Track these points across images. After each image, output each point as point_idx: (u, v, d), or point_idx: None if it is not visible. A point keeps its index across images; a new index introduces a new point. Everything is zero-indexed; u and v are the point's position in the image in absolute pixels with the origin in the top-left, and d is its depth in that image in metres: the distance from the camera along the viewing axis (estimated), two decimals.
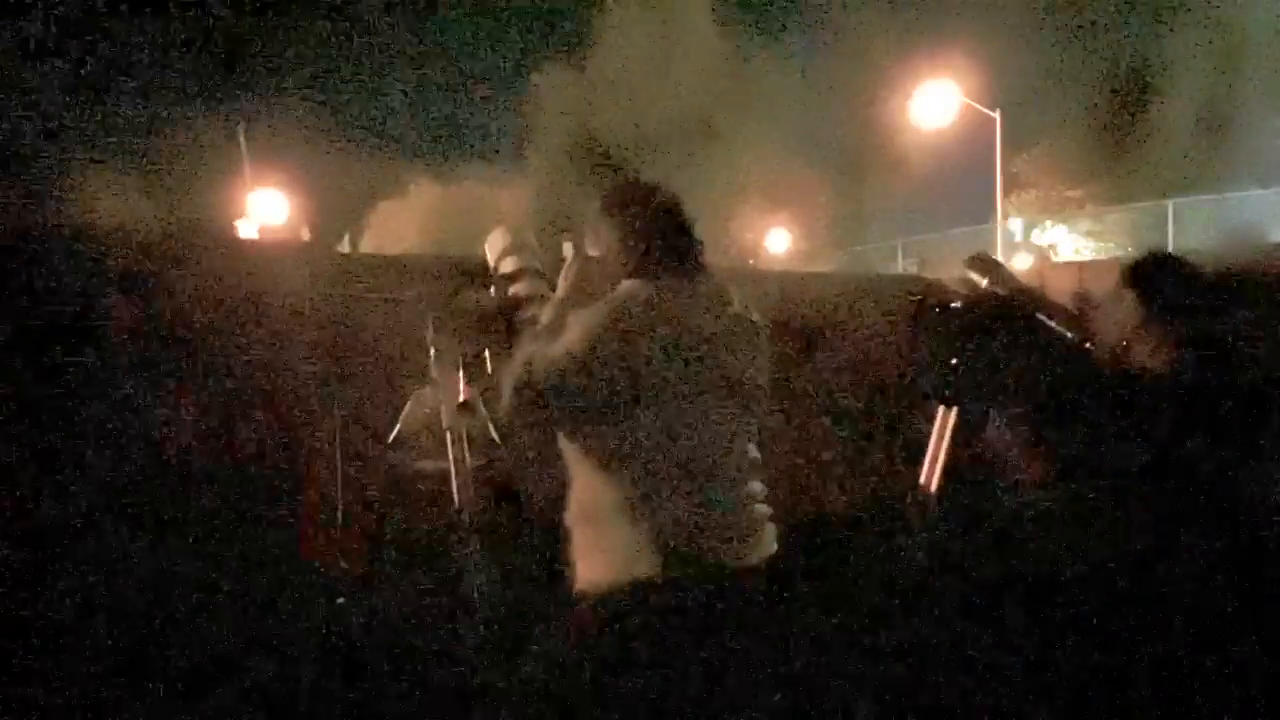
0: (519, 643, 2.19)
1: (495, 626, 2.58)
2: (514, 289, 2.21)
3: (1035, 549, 2.47)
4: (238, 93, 27.74)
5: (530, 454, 1.99)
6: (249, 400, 3.32)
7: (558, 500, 1.95)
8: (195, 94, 28.23)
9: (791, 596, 1.96)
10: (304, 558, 3.25)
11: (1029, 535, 2.49)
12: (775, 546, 1.94)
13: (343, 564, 3.23)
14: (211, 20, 27.27)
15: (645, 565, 1.80)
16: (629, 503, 1.82)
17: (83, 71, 23.75)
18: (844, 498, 3.77)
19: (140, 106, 25.40)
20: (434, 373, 2.59)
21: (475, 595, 2.67)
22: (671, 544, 1.81)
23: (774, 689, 1.86)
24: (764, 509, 1.95)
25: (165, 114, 24.11)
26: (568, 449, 1.91)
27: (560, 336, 1.83)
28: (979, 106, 20.69)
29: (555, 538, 1.96)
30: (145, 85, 26.67)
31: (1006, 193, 21.91)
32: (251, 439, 3.31)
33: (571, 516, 1.93)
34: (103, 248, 3.29)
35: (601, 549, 1.86)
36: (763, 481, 1.96)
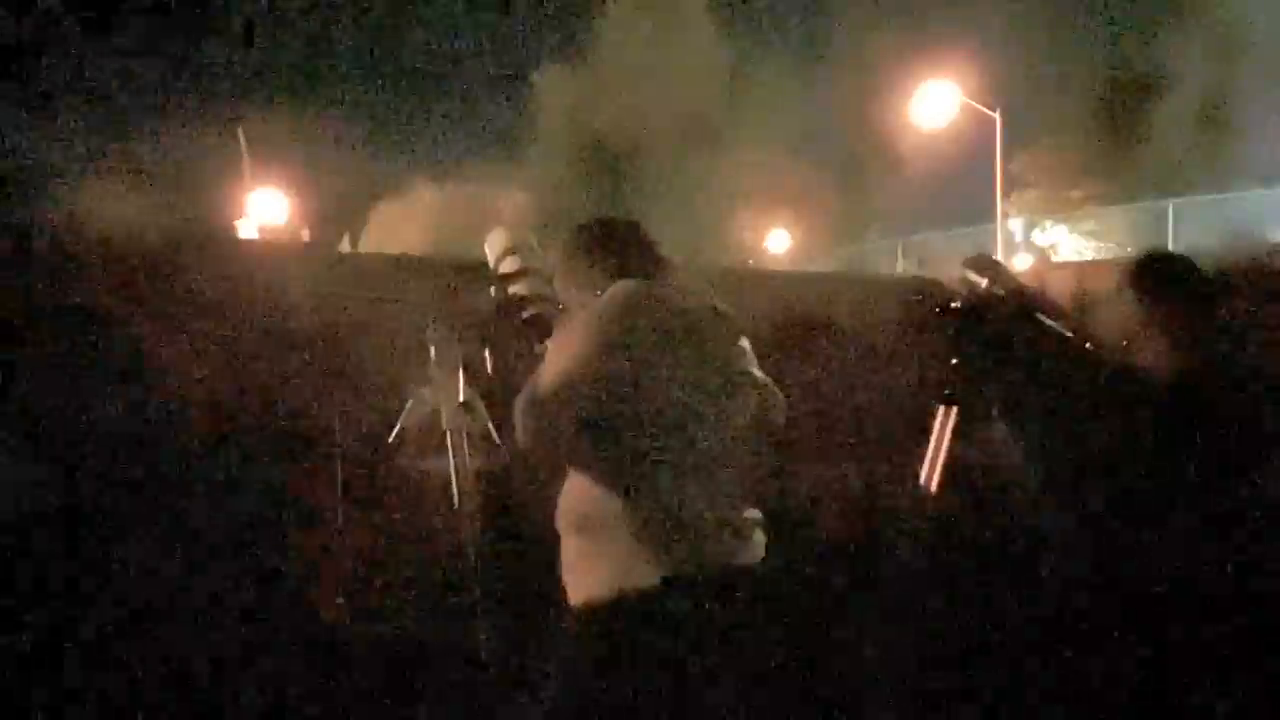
0: (520, 646, 2.19)
1: (496, 628, 2.58)
2: (514, 289, 2.21)
3: (1034, 548, 2.47)
4: (239, 88, 27.73)
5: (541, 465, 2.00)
6: (247, 401, 3.32)
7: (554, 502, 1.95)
8: (195, 94, 28.24)
9: (789, 598, 1.97)
10: (303, 557, 3.25)
11: (1028, 534, 2.49)
12: (763, 550, 1.95)
13: (340, 563, 3.24)
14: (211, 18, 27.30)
15: (645, 571, 1.79)
16: (628, 507, 1.82)
17: (82, 71, 23.78)
18: (841, 498, 3.78)
19: (140, 106, 25.42)
20: (434, 373, 2.59)
21: (476, 597, 2.67)
22: (671, 549, 1.80)
23: (773, 692, 1.86)
24: (755, 512, 1.95)
25: (165, 113, 24.10)
26: (568, 457, 1.91)
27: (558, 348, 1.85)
28: (979, 106, 20.67)
29: (553, 541, 1.96)
30: (145, 85, 26.69)
31: (1006, 193, 21.89)
32: (250, 439, 3.31)
33: (567, 523, 1.93)
34: (101, 248, 3.29)
35: (600, 555, 1.85)
36: (754, 482, 1.97)
